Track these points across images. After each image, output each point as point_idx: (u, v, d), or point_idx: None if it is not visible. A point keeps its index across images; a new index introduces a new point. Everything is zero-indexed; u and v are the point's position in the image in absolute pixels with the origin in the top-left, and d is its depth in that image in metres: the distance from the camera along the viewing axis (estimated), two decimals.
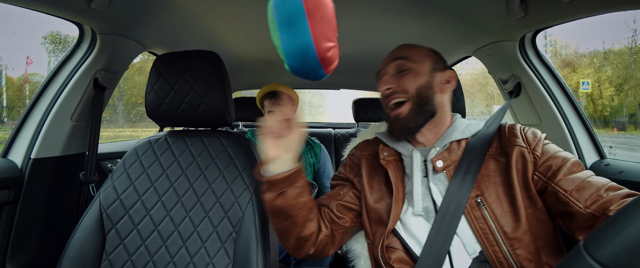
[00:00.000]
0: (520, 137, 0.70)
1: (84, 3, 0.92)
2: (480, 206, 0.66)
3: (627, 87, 3.76)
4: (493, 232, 0.63)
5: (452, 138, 0.75)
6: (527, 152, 0.67)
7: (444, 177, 0.72)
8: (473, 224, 0.65)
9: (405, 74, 0.76)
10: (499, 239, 0.62)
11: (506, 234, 0.62)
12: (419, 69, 0.76)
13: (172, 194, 0.90)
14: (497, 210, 0.65)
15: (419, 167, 0.74)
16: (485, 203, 0.66)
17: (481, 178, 0.68)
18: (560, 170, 0.63)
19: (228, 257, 0.83)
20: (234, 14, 1.19)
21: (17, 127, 1.08)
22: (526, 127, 0.74)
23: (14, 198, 1.00)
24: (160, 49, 1.41)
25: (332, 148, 2.27)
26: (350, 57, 1.73)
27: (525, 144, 0.69)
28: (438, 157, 0.73)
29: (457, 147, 0.74)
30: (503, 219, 0.64)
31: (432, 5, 1.11)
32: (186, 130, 1.09)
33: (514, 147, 0.69)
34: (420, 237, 0.69)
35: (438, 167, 0.72)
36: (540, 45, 1.20)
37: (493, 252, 0.62)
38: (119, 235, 0.86)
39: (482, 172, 0.69)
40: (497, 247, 0.62)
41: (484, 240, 0.64)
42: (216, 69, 0.92)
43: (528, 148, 0.68)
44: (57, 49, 2.00)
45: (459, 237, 0.66)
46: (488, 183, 0.67)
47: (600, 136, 1.18)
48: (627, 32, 2.98)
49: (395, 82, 0.77)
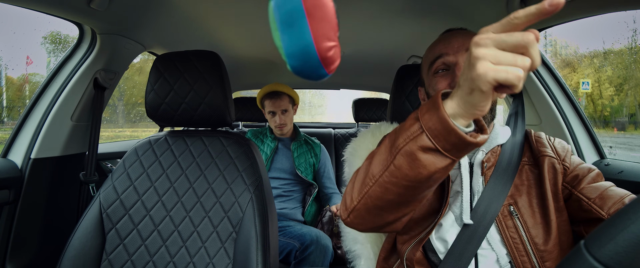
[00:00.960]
0: (549, 147, 0.69)
1: (84, 3, 0.92)
2: (513, 215, 0.64)
3: (627, 87, 3.76)
4: (524, 243, 0.62)
5: (498, 142, 0.70)
6: (557, 162, 0.67)
7: (482, 181, 0.68)
8: (504, 233, 0.64)
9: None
10: (529, 250, 0.61)
11: (537, 246, 0.61)
12: None
13: (172, 194, 0.90)
14: (529, 220, 0.63)
15: (466, 170, 0.69)
16: (518, 212, 0.64)
17: (514, 187, 0.66)
18: (585, 179, 0.64)
19: (228, 257, 0.83)
20: (234, 14, 1.19)
21: (17, 127, 1.08)
22: (552, 137, 0.73)
23: (14, 198, 1.00)
24: (160, 49, 1.41)
25: (332, 148, 2.27)
26: (350, 57, 1.73)
27: (555, 155, 0.68)
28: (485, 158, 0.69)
29: (497, 150, 0.70)
30: (534, 230, 0.62)
31: (432, 5, 1.11)
32: (186, 130, 1.09)
33: (544, 158, 0.68)
34: (449, 240, 0.66)
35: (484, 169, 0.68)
36: (541, 45, 1.20)
37: (522, 263, 0.61)
38: (119, 235, 0.86)
39: (515, 180, 0.67)
40: (526, 257, 0.61)
41: (514, 250, 0.62)
42: (216, 69, 0.92)
43: (558, 159, 0.67)
44: (57, 49, 2.00)
45: (491, 246, 0.64)
46: (522, 192, 0.66)
47: (600, 136, 1.18)
48: (627, 32, 2.99)
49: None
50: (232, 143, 0.96)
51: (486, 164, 0.68)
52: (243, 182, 0.89)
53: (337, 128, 2.55)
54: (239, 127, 2.65)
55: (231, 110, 0.96)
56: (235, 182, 0.89)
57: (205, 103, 0.92)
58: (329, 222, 1.62)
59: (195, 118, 0.94)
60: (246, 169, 0.91)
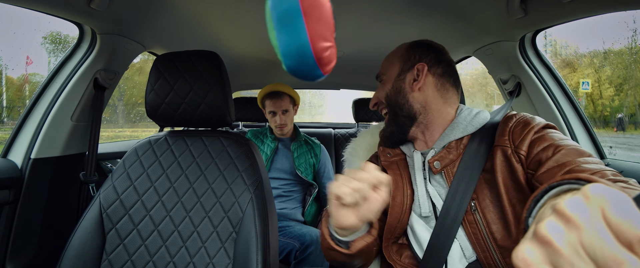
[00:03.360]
0: (507, 134, 0.62)
1: (84, 3, 0.92)
2: (473, 211, 0.63)
3: (627, 87, 3.76)
4: (484, 238, 0.61)
5: (451, 138, 0.70)
6: (510, 151, 0.60)
7: (442, 178, 0.69)
8: (467, 228, 0.63)
9: (380, 86, 0.80)
10: (490, 246, 0.60)
11: (497, 242, 0.59)
12: (386, 77, 0.78)
13: (172, 194, 0.90)
14: (490, 216, 0.61)
15: (420, 168, 0.72)
16: (478, 208, 0.62)
17: (480, 181, 0.63)
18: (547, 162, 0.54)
19: (228, 257, 0.83)
20: (234, 14, 1.19)
21: (17, 127, 1.08)
22: (522, 118, 0.64)
23: (14, 198, 1.00)
24: (160, 49, 1.41)
25: (332, 149, 2.27)
26: (350, 57, 1.73)
27: (509, 143, 0.61)
28: (435, 157, 0.69)
29: (457, 146, 0.69)
30: (494, 226, 0.60)
31: (432, 5, 1.10)
32: (186, 130, 1.09)
33: (497, 148, 0.62)
34: (422, 239, 0.68)
35: (435, 168, 0.69)
36: (540, 45, 1.20)
37: (485, 258, 0.61)
38: (119, 235, 0.86)
39: (482, 173, 0.64)
40: (488, 253, 0.60)
41: (477, 245, 0.62)
42: (216, 69, 0.92)
43: (511, 146, 0.61)
44: (57, 49, 2.00)
45: (457, 239, 0.65)
46: (484, 186, 0.63)
47: (600, 136, 1.18)
48: (627, 32, 2.98)
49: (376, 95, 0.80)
50: (232, 143, 0.96)
51: (438, 162, 0.69)
52: (243, 182, 0.89)
53: (337, 128, 2.55)
54: (239, 127, 2.65)
55: (231, 110, 0.96)
56: (235, 182, 0.89)
57: (205, 103, 0.92)
58: None
59: (195, 118, 0.94)
60: (246, 169, 0.91)
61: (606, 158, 1.13)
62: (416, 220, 0.70)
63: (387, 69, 0.79)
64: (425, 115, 0.73)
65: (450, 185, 0.66)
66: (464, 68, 4.58)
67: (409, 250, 0.71)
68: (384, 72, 0.80)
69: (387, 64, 0.80)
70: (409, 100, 0.73)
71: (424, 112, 0.73)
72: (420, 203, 0.69)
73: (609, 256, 0.18)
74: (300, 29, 0.44)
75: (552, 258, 0.20)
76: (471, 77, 3.90)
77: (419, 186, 0.71)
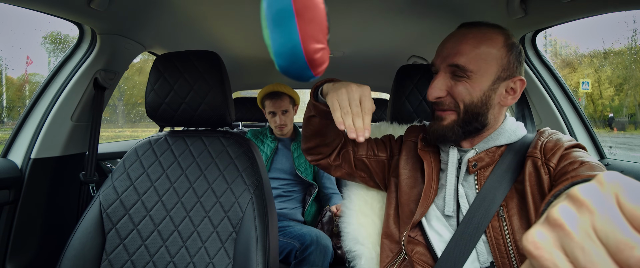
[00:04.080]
0: (539, 147, 0.63)
1: (84, 3, 0.92)
2: (500, 216, 0.63)
3: (627, 87, 3.76)
4: (506, 245, 0.61)
5: (496, 143, 0.68)
6: (540, 162, 0.61)
7: (473, 180, 0.68)
8: (489, 233, 0.63)
9: (461, 82, 0.65)
10: (511, 254, 0.60)
11: (518, 250, 0.60)
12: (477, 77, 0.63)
13: (172, 194, 0.90)
14: (515, 224, 0.61)
15: (454, 165, 0.69)
16: (506, 215, 0.62)
17: (511, 189, 0.64)
18: (570, 173, 0.55)
19: (228, 257, 0.83)
20: (234, 14, 1.19)
21: (17, 127, 1.08)
22: (554, 134, 0.66)
23: (14, 198, 1.00)
24: (160, 49, 1.41)
25: None
26: (350, 57, 1.73)
27: (540, 155, 0.62)
28: (474, 157, 0.68)
29: (496, 151, 0.68)
30: (519, 234, 0.60)
31: (432, 6, 1.10)
32: (186, 130, 1.09)
33: (529, 158, 0.62)
34: (439, 238, 0.67)
35: (472, 168, 0.67)
36: (540, 45, 1.20)
37: (502, 265, 0.61)
38: (119, 235, 0.86)
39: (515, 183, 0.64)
40: (507, 260, 0.61)
41: (496, 250, 0.62)
42: (216, 69, 0.92)
43: (542, 158, 0.61)
44: (57, 49, 2.00)
45: None
46: (514, 194, 0.63)
47: (600, 136, 1.18)
48: (627, 32, 2.99)
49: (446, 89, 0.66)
50: (232, 143, 0.96)
51: (476, 163, 0.67)
52: (243, 182, 0.89)
53: None
54: (239, 127, 2.65)
55: (231, 110, 0.96)
56: (235, 182, 0.89)
57: (205, 103, 0.91)
58: (329, 222, 1.62)
59: (195, 118, 0.94)
60: (246, 169, 0.91)
61: (606, 158, 1.13)
62: (436, 217, 0.69)
63: (480, 68, 0.63)
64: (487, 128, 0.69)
65: (480, 189, 0.65)
66: None
67: (422, 247, 0.69)
68: (476, 69, 0.63)
69: (479, 62, 0.63)
70: (489, 112, 0.66)
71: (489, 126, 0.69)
72: (446, 201, 0.68)
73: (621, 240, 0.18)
74: (292, 30, 0.45)
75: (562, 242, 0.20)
76: None
77: (450, 183, 0.69)
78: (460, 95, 0.65)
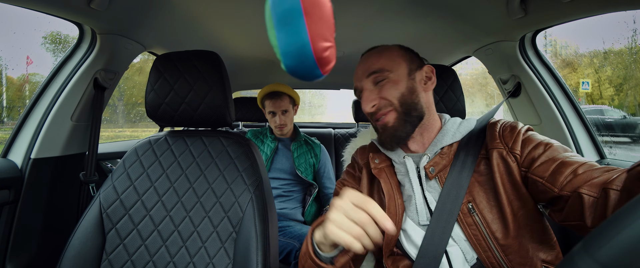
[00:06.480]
0: (498, 137, 0.68)
1: (84, 3, 0.92)
2: (471, 213, 0.65)
3: (627, 87, 3.76)
4: (485, 239, 0.63)
5: (443, 144, 0.72)
6: (505, 152, 0.65)
7: (436, 183, 0.70)
8: (466, 231, 0.64)
9: (384, 84, 0.73)
10: (492, 245, 0.62)
11: (498, 240, 0.62)
12: (394, 75, 0.73)
13: (172, 194, 0.90)
14: (488, 216, 0.64)
15: (415, 175, 0.72)
16: (477, 209, 0.65)
17: (472, 184, 0.67)
18: (539, 158, 0.61)
19: (228, 257, 0.83)
20: (234, 14, 1.19)
21: (17, 127, 1.08)
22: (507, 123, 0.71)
23: (14, 198, 1.00)
24: (160, 49, 1.41)
25: (332, 149, 2.27)
26: (350, 57, 1.73)
27: (502, 145, 0.66)
28: (430, 163, 0.71)
29: (448, 151, 0.72)
30: (494, 225, 0.63)
31: (432, 6, 1.11)
32: (186, 130, 1.09)
33: (493, 151, 0.67)
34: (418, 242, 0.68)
35: (431, 173, 0.70)
36: (540, 45, 1.20)
37: (487, 258, 0.62)
38: (119, 235, 0.86)
39: (474, 176, 0.67)
40: (490, 252, 0.62)
41: (478, 246, 0.63)
42: (216, 69, 0.92)
43: (506, 148, 0.66)
44: (57, 49, 2.00)
45: (457, 244, 0.65)
46: (479, 188, 0.66)
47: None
48: (627, 32, 2.98)
49: (376, 96, 0.73)
50: (232, 143, 0.96)
51: (433, 168, 0.70)
52: (243, 182, 0.89)
53: (337, 128, 2.55)
54: (239, 127, 2.65)
55: (231, 110, 0.96)
56: (235, 182, 0.89)
57: (205, 103, 0.92)
58: None
59: (195, 118, 0.94)
60: (246, 169, 0.91)
61: (606, 158, 1.13)
62: (412, 228, 0.69)
63: (392, 67, 0.73)
64: (427, 117, 0.76)
65: (442, 189, 0.68)
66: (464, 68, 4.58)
67: (406, 258, 0.69)
68: (391, 69, 0.73)
69: (390, 62, 0.74)
70: (420, 100, 0.74)
71: (427, 113, 0.75)
72: (418, 211, 0.69)
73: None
74: (301, 29, 0.44)
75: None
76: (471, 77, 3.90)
77: (417, 193, 0.70)
78: (390, 93, 0.72)
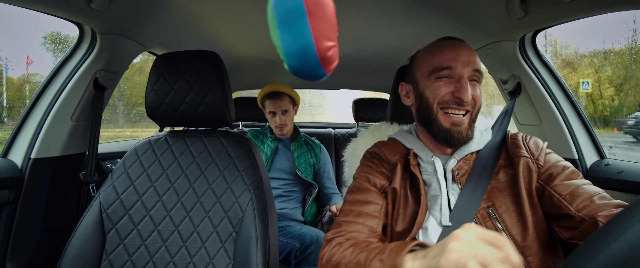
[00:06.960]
0: (524, 147, 0.72)
1: (84, 3, 0.92)
2: (491, 216, 0.67)
3: (627, 87, 3.76)
4: None
5: (471, 150, 0.75)
6: (531, 162, 0.70)
7: (457, 187, 0.72)
8: None
9: (476, 85, 0.73)
10: None
11: (517, 242, 0.64)
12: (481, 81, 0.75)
13: (172, 194, 0.90)
14: (508, 220, 0.66)
15: (443, 176, 0.73)
16: (496, 213, 0.67)
17: (491, 190, 0.70)
18: (558, 176, 0.67)
19: (228, 257, 0.83)
20: (234, 14, 1.19)
21: (17, 127, 1.08)
22: (528, 136, 0.76)
23: (14, 198, 1.00)
24: (160, 49, 1.41)
25: (332, 149, 2.27)
26: (350, 57, 1.73)
27: (528, 154, 0.71)
28: (456, 166, 0.73)
29: (471, 158, 0.75)
30: (513, 229, 0.65)
31: (432, 5, 1.10)
32: (186, 130, 1.09)
33: (519, 159, 0.70)
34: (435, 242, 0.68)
35: (456, 177, 0.72)
36: (540, 45, 1.20)
37: None
38: (119, 235, 0.86)
39: (492, 183, 0.70)
40: None
41: None
42: (216, 69, 0.92)
43: (532, 158, 0.70)
44: (57, 49, 2.00)
45: None
46: (498, 194, 0.69)
47: (600, 136, 1.18)
48: (627, 32, 2.98)
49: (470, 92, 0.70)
50: (232, 143, 0.96)
51: (458, 172, 0.73)
52: (243, 182, 0.89)
53: (337, 128, 2.55)
54: (239, 127, 2.65)
55: (231, 110, 0.96)
56: (235, 182, 0.89)
57: (205, 103, 0.91)
58: (329, 222, 1.62)
59: (195, 118, 0.94)
60: (246, 169, 0.91)
61: (606, 158, 1.13)
62: (434, 227, 0.70)
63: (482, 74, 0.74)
64: None
65: (461, 192, 0.71)
66: None
67: None
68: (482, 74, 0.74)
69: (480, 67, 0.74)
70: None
71: None
72: (443, 211, 0.70)
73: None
74: (304, 29, 0.44)
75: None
76: None
77: (443, 193, 0.71)
78: (479, 98, 0.73)
